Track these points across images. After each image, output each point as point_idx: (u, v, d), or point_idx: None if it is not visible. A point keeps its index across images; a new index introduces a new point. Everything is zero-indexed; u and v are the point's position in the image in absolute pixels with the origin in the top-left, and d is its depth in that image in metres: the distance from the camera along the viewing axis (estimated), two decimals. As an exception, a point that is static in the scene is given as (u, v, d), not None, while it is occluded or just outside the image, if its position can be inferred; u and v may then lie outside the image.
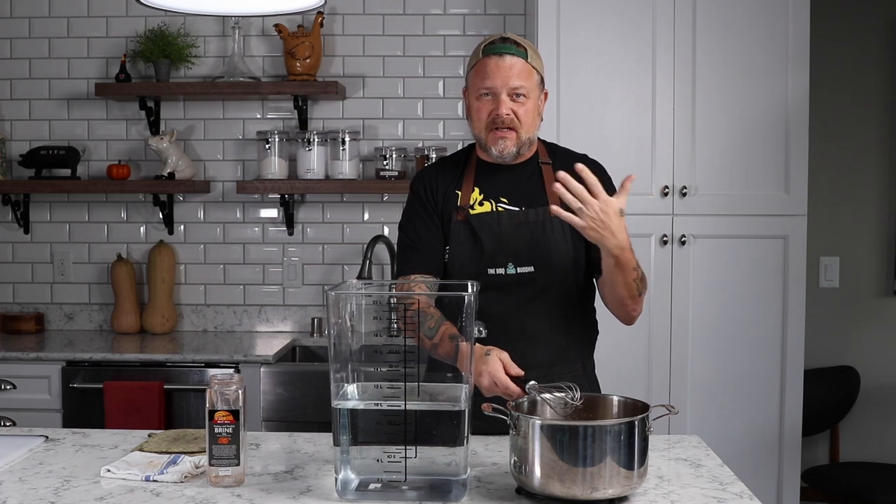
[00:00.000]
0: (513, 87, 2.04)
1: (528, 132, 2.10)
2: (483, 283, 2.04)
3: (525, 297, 2.09)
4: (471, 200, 2.14)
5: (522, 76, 2.05)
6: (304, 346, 3.65)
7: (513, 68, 2.04)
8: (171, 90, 3.62)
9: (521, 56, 2.06)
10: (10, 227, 3.84)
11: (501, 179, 2.15)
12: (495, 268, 2.09)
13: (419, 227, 2.16)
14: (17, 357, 3.23)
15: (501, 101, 2.05)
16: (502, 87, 2.04)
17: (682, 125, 3.26)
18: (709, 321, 3.28)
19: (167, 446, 1.92)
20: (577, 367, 2.17)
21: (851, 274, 3.98)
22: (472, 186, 2.15)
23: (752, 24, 3.25)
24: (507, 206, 2.12)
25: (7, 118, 3.83)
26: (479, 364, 1.85)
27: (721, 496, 1.67)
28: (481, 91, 2.07)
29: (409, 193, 2.24)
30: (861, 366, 3.95)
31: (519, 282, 2.09)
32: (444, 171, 2.21)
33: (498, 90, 2.05)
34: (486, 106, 2.07)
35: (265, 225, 3.82)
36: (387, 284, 3.03)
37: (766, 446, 3.29)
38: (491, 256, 2.09)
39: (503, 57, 2.05)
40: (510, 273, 2.09)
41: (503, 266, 2.09)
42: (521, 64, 2.05)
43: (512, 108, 2.05)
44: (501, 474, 1.79)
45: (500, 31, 3.72)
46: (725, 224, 3.27)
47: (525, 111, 2.07)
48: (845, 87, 3.94)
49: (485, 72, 2.06)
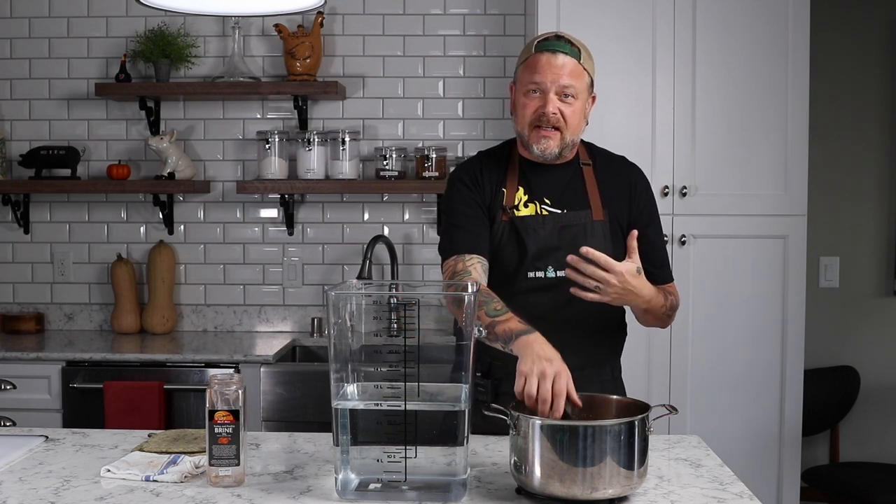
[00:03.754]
0: (562, 86, 2.01)
1: (573, 134, 2.07)
2: (522, 286, 2.05)
3: (563, 301, 2.03)
4: (515, 201, 2.11)
5: (573, 76, 2.02)
6: (304, 346, 3.65)
7: (564, 67, 2.01)
8: (171, 90, 3.62)
9: (574, 56, 2.03)
10: (10, 227, 3.84)
11: (545, 180, 2.12)
12: (535, 271, 2.07)
13: (468, 211, 2.10)
14: (17, 357, 3.23)
15: (549, 98, 2.01)
16: (552, 84, 2.01)
17: (682, 125, 3.26)
18: (709, 321, 3.28)
19: (167, 446, 1.92)
20: (605, 372, 2.16)
21: (851, 274, 3.98)
22: (516, 185, 2.12)
23: (752, 24, 3.25)
24: (550, 208, 2.10)
25: (7, 118, 3.83)
26: (552, 352, 1.76)
27: (721, 496, 1.67)
28: (529, 87, 2.03)
29: (448, 187, 2.17)
30: (861, 366, 3.95)
31: (558, 285, 2.04)
32: (487, 167, 2.15)
33: (547, 87, 2.01)
34: (532, 102, 2.04)
35: (265, 225, 3.82)
36: (387, 284, 3.03)
37: (766, 446, 3.29)
38: (533, 260, 2.07)
39: (556, 55, 2.01)
40: (549, 276, 2.06)
41: (543, 270, 2.07)
42: (572, 63, 2.02)
43: (559, 108, 2.02)
44: (501, 474, 1.79)
45: (499, 30, 3.73)
46: (725, 224, 3.27)
47: (572, 112, 2.03)
48: (845, 87, 3.94)
49: (535, 67, 2.02)
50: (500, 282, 2.06)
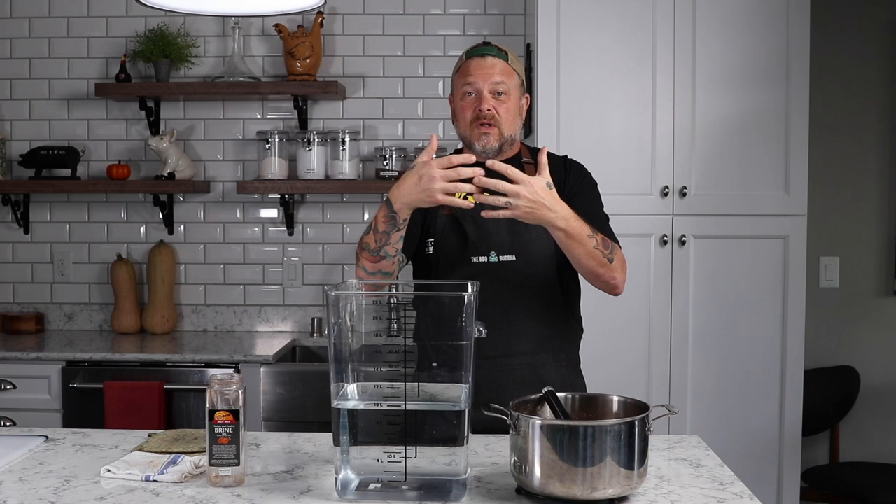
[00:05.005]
0: (494, 83, 2.14)
1: (510, 130, 2.18)
2: (468, 270, 2.13)
3: (507, 286, 2.15)
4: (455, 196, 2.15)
5: (504, 74, 2.16)
6: (304, 346, 3.66)
7: (494, 66, 2.15)
8: (171, 90, 3.62)
9: (502, 58, 2.17)
10: (10, 227, 3.84)
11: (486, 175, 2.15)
12: (478, 255, 2.16)
13: None
14: (17, 357, 3.24)
15: (484, 97, 2.14)
16: (484, 83, 2.14)
17: (682, 125, 3.26)
18: (709, 321, 3.28)
19: (167, 446, 1.92)
20: (561, 359, 2.21)
21: (851, 274, 3.98)
22: None
23: (752, 24, 3.25)
24: None
25: (7, 118, 3.83)
26: (408, 176, 1.92)
27: (721, 496, 1.67)
28: (464, 89, 2.17)
29: None
30: (861, 366, 3.95)
31: (501, 269, 2.15)
32: None
33: (480, 87, 2.15)
34: (469, 104, 2.17)
35: (265, 225, 3.82)
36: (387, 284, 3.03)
37: (766, 446, 3.29)
38: (474, 245, 2.16)
39: (485, 58, 2.16)
40: (493, 261, 2.15)
41: (486, 254, 2.16)
42: (502, 64, 2.16)
43: (493, 105, 2.14)
44: (501, 474, 1.79)
45: (499, 30, 3.74)
46: (725, 224, 3.27)
47: (506, 109, 2.16)
48: (845, 87, 3.94)
49: (468, 71, 2.17)
50: (448, 269, 2.16)
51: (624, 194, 3.20)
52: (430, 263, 2.20)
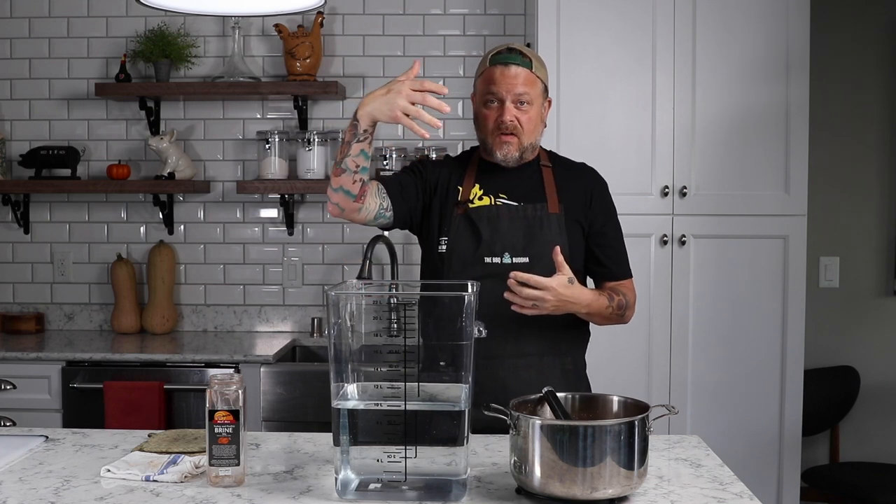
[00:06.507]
0: (517, 94, 2.15)
1: (531, 138, 2.20)
2: (480, 271, 2.13)
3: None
4: (471, 195, 2.22)
5: (527, 84, 2.16)
6: (304, 346, 3.66)
7: (517, 77, 2.15)
8: (171, 90, 3.62)
9: (526, 66, 2.17)
10: (10, 227, 3.84)
11: (502, 178, 2.23)
12: (492, 257, 2.17)
13: (403, 176, 2.25)
14: (17, 357, 3.24)
15: (506, 107, 2.15)
16: (507, 93, 2.15)
17: (682, 125, 3.26)
18: (709, 321, 3.28)
19: (167, 446, 1.92)
20: (567, 362, 2.22)
21: (851, 274, 3.98)
22: (472, 183, 2.24)
23: (752, 24, 3.25)
24: (506, 200, 2.22)
25: (7, 118, 3.83)
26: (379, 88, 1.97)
27: (721, 496, 1.67)
28: (487, 97, 2.18)
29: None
30: (861, 366, 3.95)
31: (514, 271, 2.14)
32: (448, 165, 2.31)
33: (503, 97, 2.15)
34: (492, 112, 2.18)
35: (265, 225, 3.82)
36: (387, 284, 3.03)
37: (766, 446, 3.29)
38: (488, 246, 2.17)
39: (508, 66, 2.16)
40: (506, 262, 2.16)
41: (500, 255, 2.17)
42: (525, 73, 2.16)
43: (516, 115, 2.16)
44: (501, 474, 1.79)
45: (499, 30, 3.73)
46: (725, 224, 3.27)
47: (528, 118, 2.17)
48: (845, 87, 3.94)
49: (491, 79, 2.17)
50: (460, 269, 2.16)
51: (624, 194, 3.18)
52: (442, 262, 2.20)
